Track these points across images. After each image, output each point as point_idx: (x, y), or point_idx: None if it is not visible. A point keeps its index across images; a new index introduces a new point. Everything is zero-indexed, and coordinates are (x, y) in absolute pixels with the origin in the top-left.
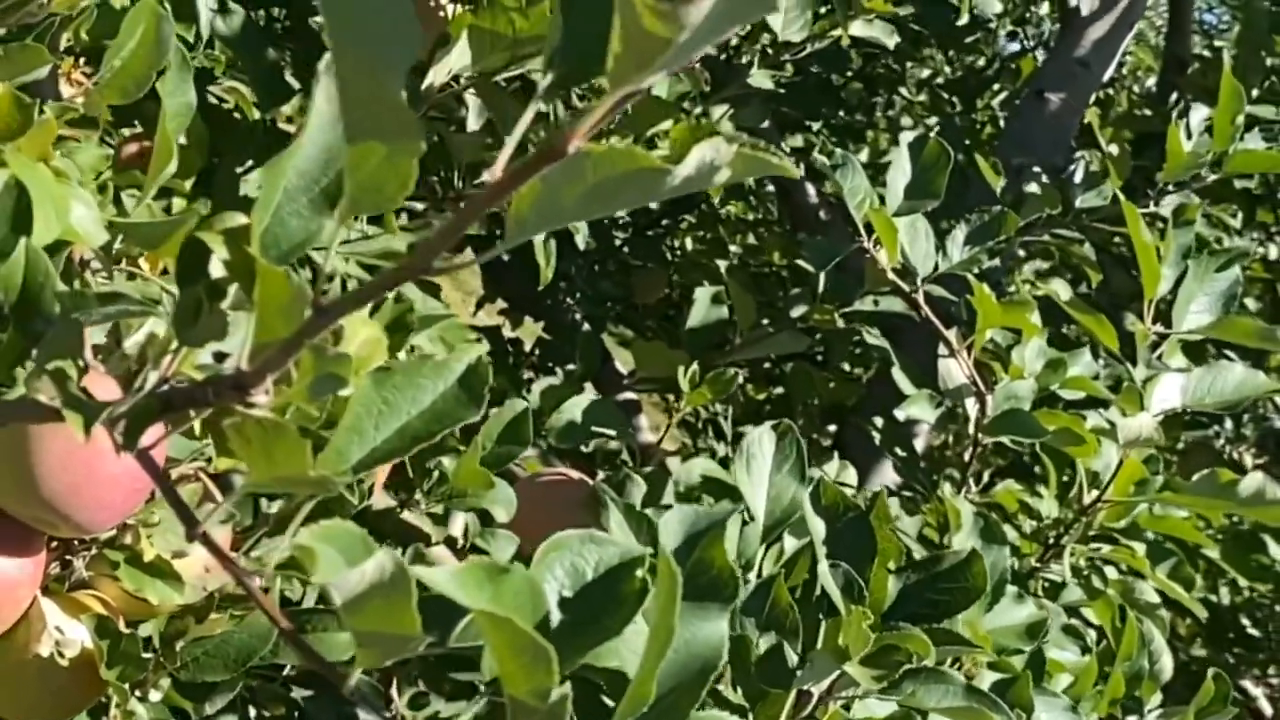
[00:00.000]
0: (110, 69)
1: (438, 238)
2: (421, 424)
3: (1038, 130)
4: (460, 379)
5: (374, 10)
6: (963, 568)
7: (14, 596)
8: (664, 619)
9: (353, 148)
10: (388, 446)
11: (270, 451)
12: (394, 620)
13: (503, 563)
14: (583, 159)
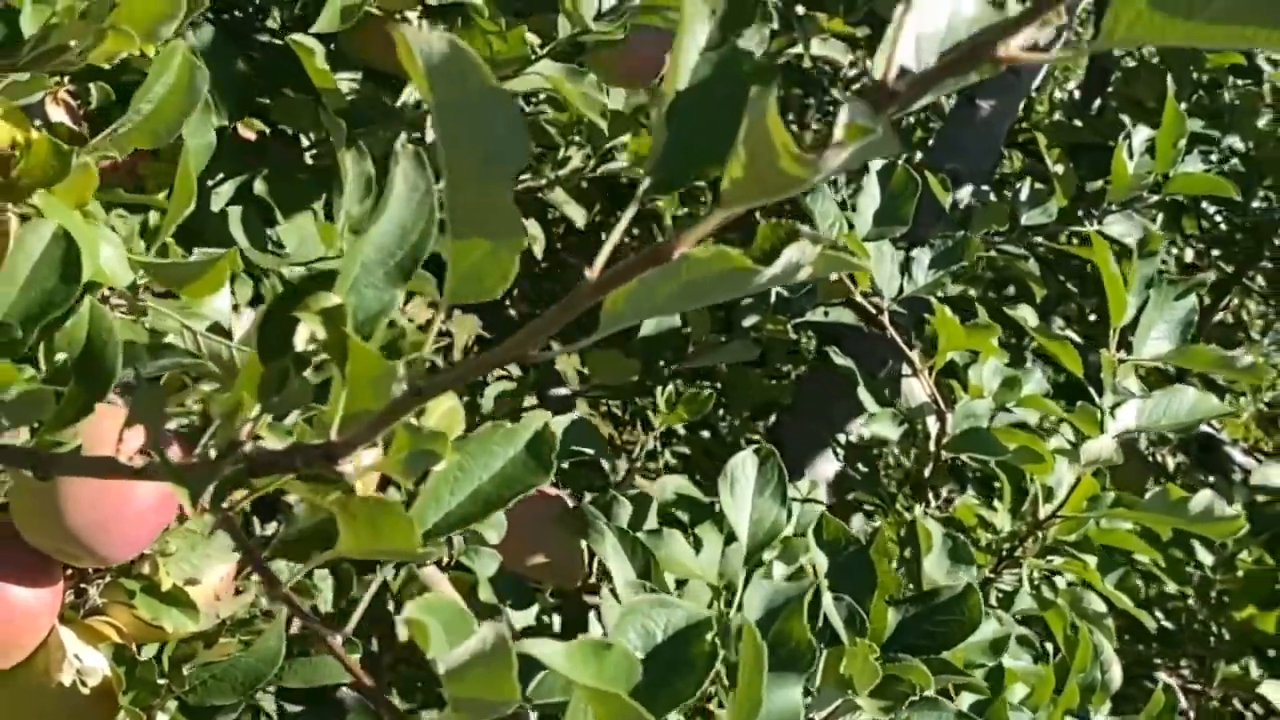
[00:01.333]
0: (138, 112)
1: (540, 325)
2: (493, 488)
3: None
4: (528, 445)
5: (486, 120)
6: (959, 601)
7: (34, 625)
8: (750, 690)
9: (457, 242)
10: (461, 511)
11: (376, 526)
12: (494, 688)
13: (603, 639)
14: (681, 261)
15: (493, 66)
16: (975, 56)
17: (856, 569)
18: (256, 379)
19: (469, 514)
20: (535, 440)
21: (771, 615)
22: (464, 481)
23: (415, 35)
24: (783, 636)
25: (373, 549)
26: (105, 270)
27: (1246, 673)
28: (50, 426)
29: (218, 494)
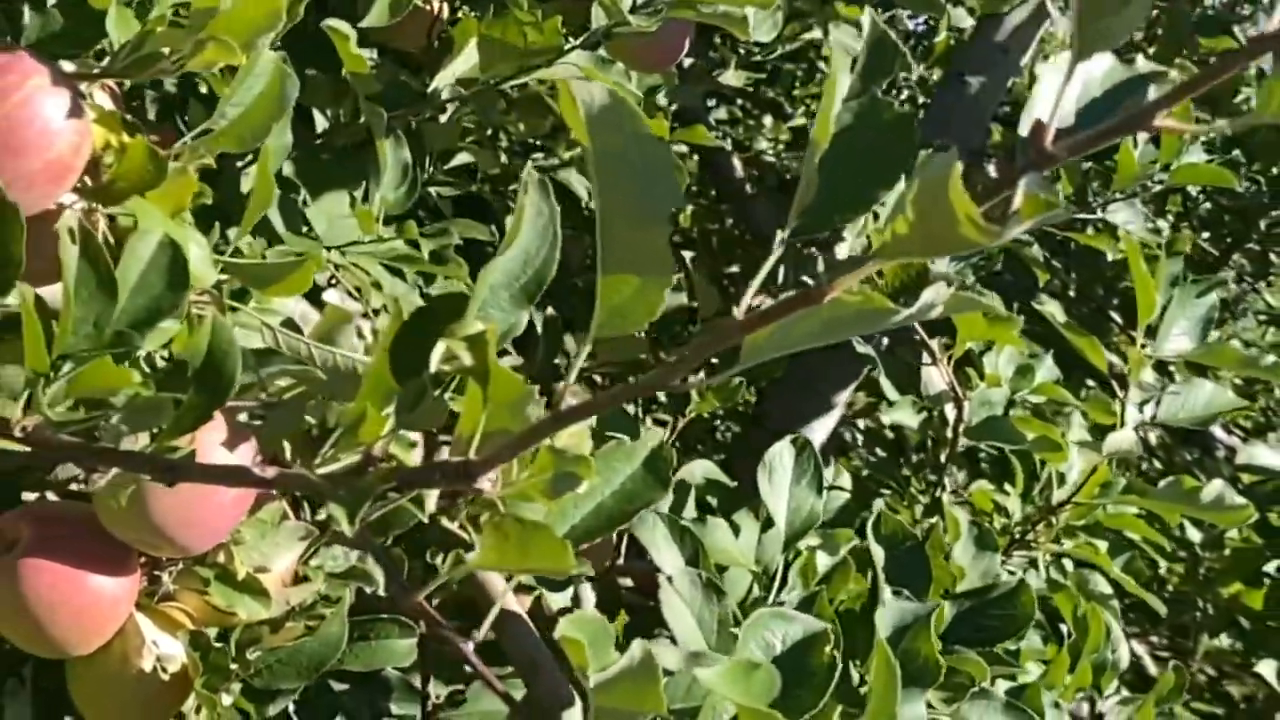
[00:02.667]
0: (223, 115)
1: (685, 360)
2: (614, 504)
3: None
4: (646, 461)
5: (641, 166)
6: (1012, 596)
7: (114, 613)
8: (884, 704)
9: (607, 278)
10: (585, 525)
11: (526, 546)
12: (640, 700)
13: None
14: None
15: (527, 56)
16: (1132, 125)
17: (913, 564)
18: (381, 390)
19: (593, 528)
20: (653, 457)
21: (900, 633)
22: (588, 497)
23: (579, 87)
24: (911, 653)
25: (521, 566)
26: (194, 272)
27: (1239, 651)
28: (169, 433)
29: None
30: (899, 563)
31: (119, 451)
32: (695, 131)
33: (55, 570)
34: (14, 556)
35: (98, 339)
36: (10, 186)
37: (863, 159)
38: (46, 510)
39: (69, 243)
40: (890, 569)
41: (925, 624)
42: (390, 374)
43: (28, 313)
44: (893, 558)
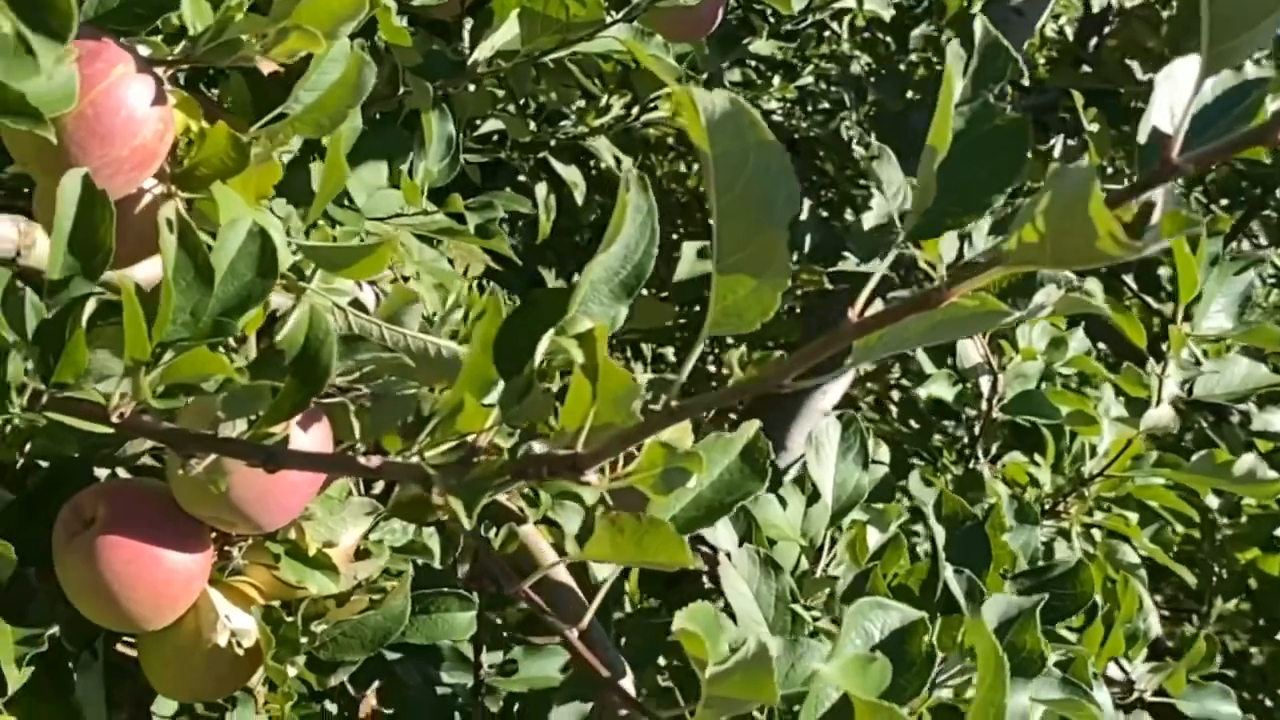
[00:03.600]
0: (297, 100)
1: (798, 359)
2: (714, 495)
3: None
4: (743, 453)
5: (760, 170)
6: (1071, 576)
7: (189, 588)
8: (992, 696)
9: (722, 278)
10: (686, 516)
11: (642, 542)
12: (755, 690)
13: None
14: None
15: (570, 29)
16: (1261, 137)
17: (973, 543)
18: (479, 381)
19: (693, 519)
20: (749, 448)
21: (1006, 625)
22: (687, 489)
23: (700, 95)
24: (1016, 646)
25: (635, 560)
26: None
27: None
28: (266, 420)
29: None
30: (959, 542)
31: (220, 438)
32: None
33: (132, 547)
34: (91, 534)
35: (194, 327)
36: (97, 173)
37: (975, 164)
38: (122, 488)
39: (167, 233)
40: (950, 548)
41: (1031, 617)
42: (491, 366)
43: (129, 302)
44: (953, 537)
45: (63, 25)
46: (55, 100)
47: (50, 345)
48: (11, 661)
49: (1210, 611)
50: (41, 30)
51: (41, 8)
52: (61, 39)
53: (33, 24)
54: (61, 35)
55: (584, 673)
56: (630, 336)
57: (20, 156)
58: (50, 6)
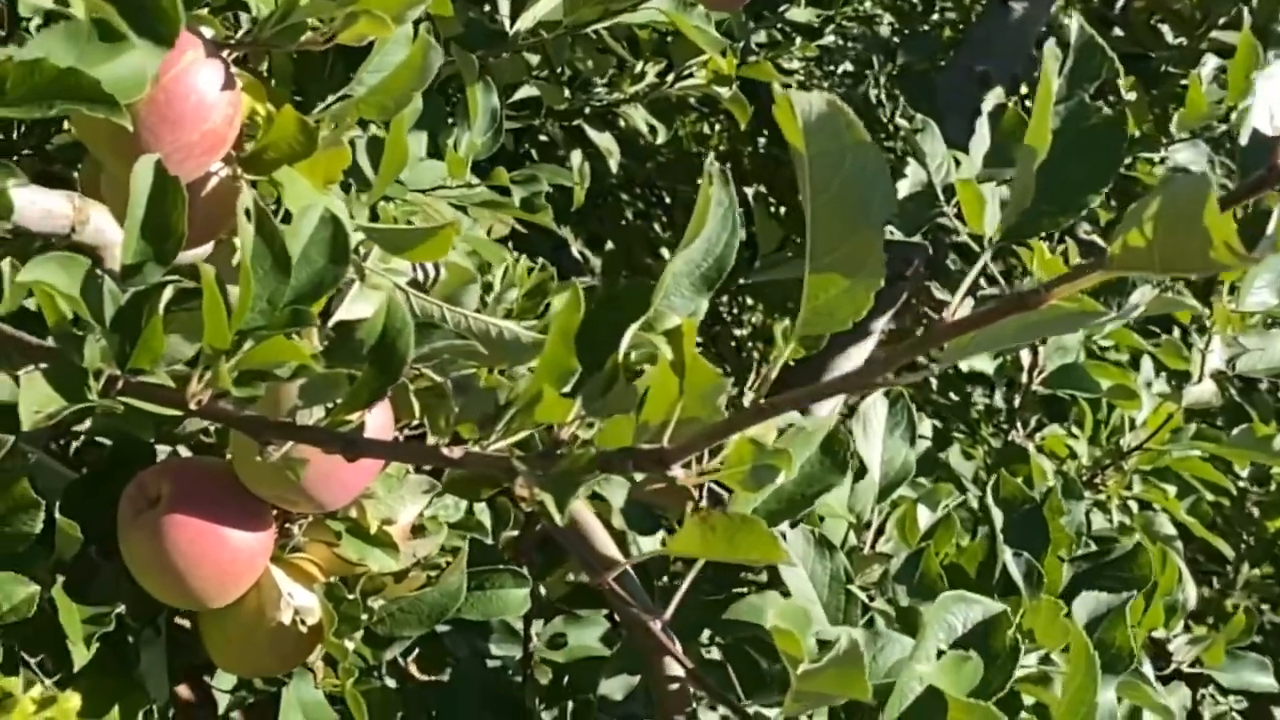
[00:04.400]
0: (361, 83)
1: (891, 358)
2: (795, 488)
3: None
4: (823, 445)
5: (856, 171)
6: (1130, 558)
7: (253, 566)
8: (1083, 694)
9: (815, 276)
10: (767, 509)
11: (734, 539)
12: (846, 687)
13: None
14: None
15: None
16: None
17: (1031, 526)
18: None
19: (775, 511)
20: (829, 440)
21: (1095, 622)
22: None
23: (799, 96)
24: (1106, 642)
25: (727, 556)
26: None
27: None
28: (344, 409)
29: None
30: (1017, 525)
31: (299, 426)
32: (761, 68)
33: (197, 526)
34: (157, 513)
35: (271, 315)
36: (168, 158)
37: (1071, 164)
38: (186, 466)
39: (245, 221)
40: (1008, 531)
41: (1120, 614)
42: (571, 357)
43: (210, 291)
44: (1011, 520)
45: (169, 30)
46: (129, 86)
47: (127, 332)
48: (80, 640)
49: (1237, 578)
50: (147, 35)
51: (148, 11)
52: (168, 44)
53: (139, 28)
54: (168, 40)
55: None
56: None
57: (91, 141)
58: (157, 10)
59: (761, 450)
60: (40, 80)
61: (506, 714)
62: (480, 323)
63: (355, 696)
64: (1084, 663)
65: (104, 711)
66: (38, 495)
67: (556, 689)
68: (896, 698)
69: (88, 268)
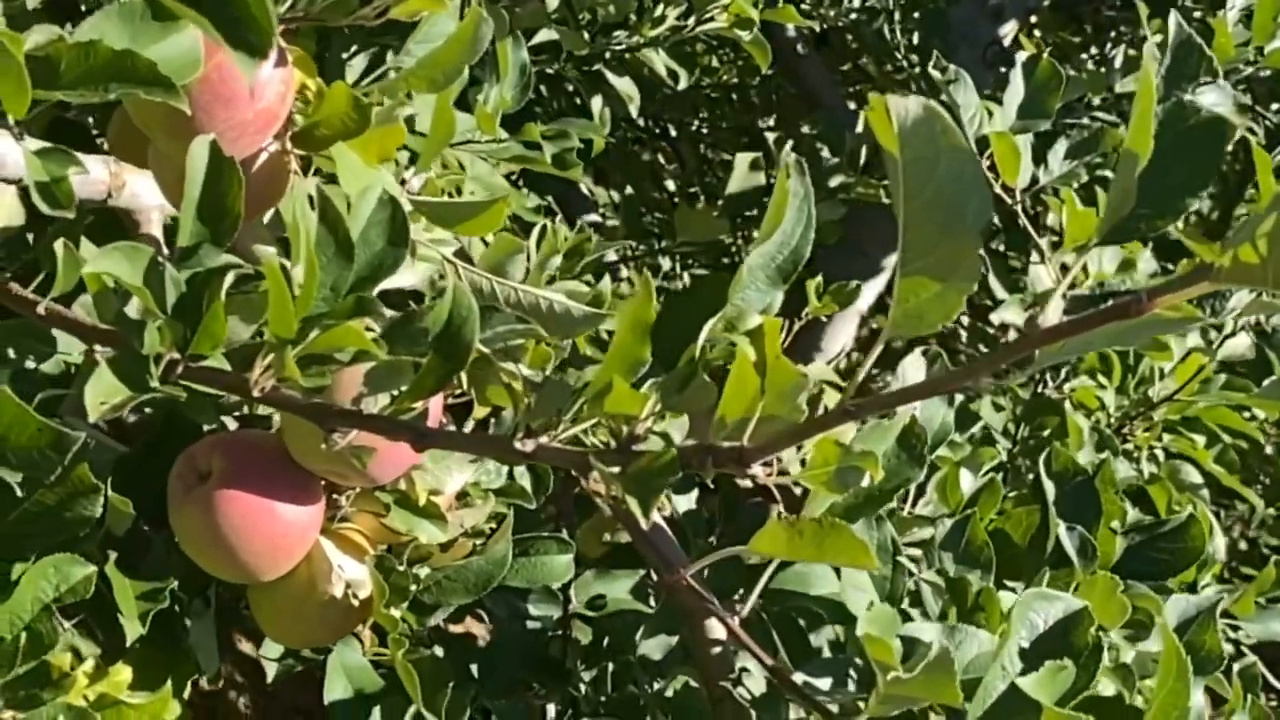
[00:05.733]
0: (409, 54)
1: (985, 363)
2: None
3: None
4: (899, 438)
5: (952, 175)
6: (1183, 530)
7: (304, 540)
8: (1175, 698)
9: (906, 279)
10: (845, 505)
11: (822, 544)
12: (935, 692)
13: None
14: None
15: None
16: None
17: (1083, 498)
18: (627, 362)
19: (853, 508)
20: (906, 434)
21: (1185, 625)
22: None
23: (895, 101)
24: (1195, 645)
25: (816, 560)
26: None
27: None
28: (409, 396)
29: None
30: (1069, 497)
31: (366, 415)
32: (785, 12)
33: (249, 501)
34: (209, 488)
35: (334, 302)
36: (222, 136)
37: (1170, 167)
38: (236, 440)
39: (308, 209)
40: (1060, 503)
41: (1210, 616)
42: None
43: (274, 279)
44: (1063, 492)
45: (263, 41)
46: (183, 66)
47: (189, 317)
48: (134, 617)
49: (1253, 517)
50: (242, 47)
51: (242, 23)
52: (262, 55)
53: (233, 40)
54: (261, 51)
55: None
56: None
57: (143, 121)
58: (251, 22)
59: (847, 452)
60: (95, 62)
61: (546, 674)
62: (530, 295)
63: (407, 667)
64: (1176, 667)
65: (155, 684)
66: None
67: (596, 649)
68: (981, 697)
69: (151, 256)
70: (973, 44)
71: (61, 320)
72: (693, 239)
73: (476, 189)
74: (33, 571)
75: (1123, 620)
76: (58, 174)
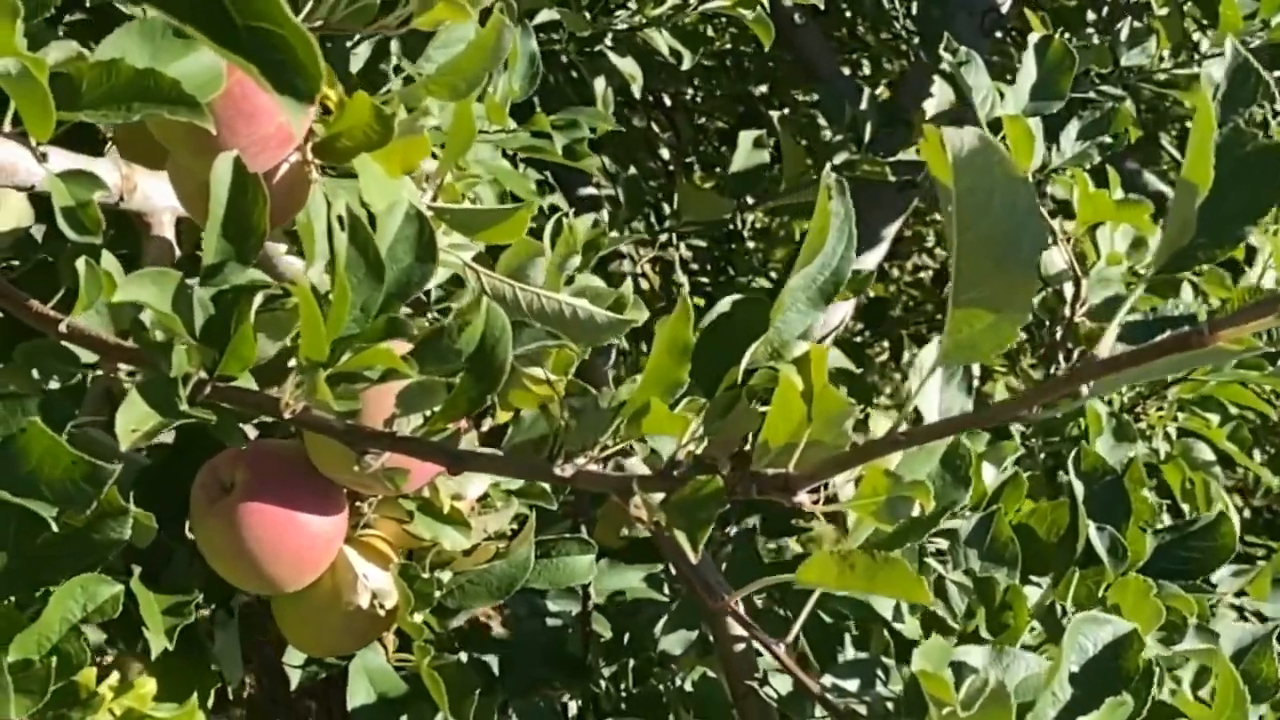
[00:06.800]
0: (429, 59)
1: (1039, 392)
2: None
3: None
4: (943, 460)
5: (1006, 206)
6: (1213, 528)
7: (329, 550)
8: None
9: (959, 310)
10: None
11: (875, 578)
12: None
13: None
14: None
15: None
16: None
17: (1113, 497)
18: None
19: (898, 531)
20: (950, 456)
21: (1242, 653)
22: None
23: (950, 133)
24: (1251, 673)
25: (868, 592)
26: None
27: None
28: (442, 416)
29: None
30: (1098, 496)
31: (400, 437)
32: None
33: (274, 513)
34: (233, 500)
35: (366, 323)
36: (244, 151)
37: (1227, 195)
38: (258, 451)
39: (338, 229)
40: (1089, 502)
41: (1266, 644)
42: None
43: (307, 303)
44: (1092, 492)
45: (310, 87)
46: (205, 83)
47: (217, 339)
48: (161, 632)
49: (1257, 486)
50: (288, 91)
51: (288, 66)
52: (309, 100)
53: (278, 85)
54: (308, 97)
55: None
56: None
57: (163, 135)
58: (299, 67)
59: (898, 482)
60: (118, 82)
61: (566, 672)
62: (554, 302)
63: (432, 675)
64: (1233, 696)
65: (181, 696)
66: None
67: (616, 645)
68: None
69: (179, 280)
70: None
71: (84, 338)
72: (697, 218)
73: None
74: (60, 592)
75: (1158, 624)
76: (83, 198)
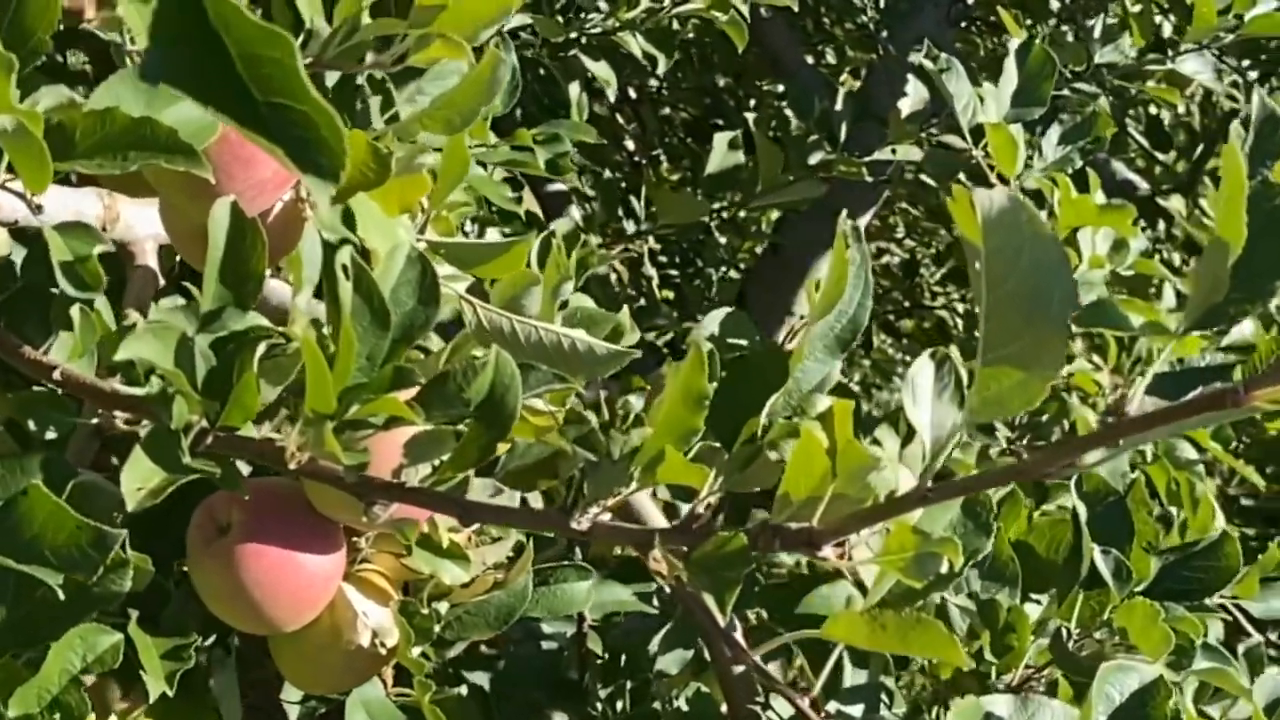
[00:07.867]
0: (422, 92)
1: (1076, 445)
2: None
3: None
4: (964, 507)
5: (1035, 264)
6: (1216, 548)
7: (327, 589)
8: None
9: (987, 369)
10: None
11: (907, 638)
12: None
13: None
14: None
15: None
16: None
17: (1116, 519)
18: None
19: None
20: (970, 504)
21: (1275, 705)
22: None
23: (979, 193)
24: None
25: (900, 651)
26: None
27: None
28: (451, 466)
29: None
30: (1102, 519)
31: (409, 488)
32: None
33: (272, 554)
34: (230, 541)
35: (372, 373)
36: (241, 196)
37: (1258, 248)
38: (255, 490)
39: (343, 278)
40: (1093, 524)
41: None
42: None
43: (312, 355)
44: (1095, 514)
45: (333, 164)
46: (201, 130)
47: (219, 390)
48: (160, 677)
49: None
50: (311, 170)
51: (312, 145)
52: (333, 179)
53: (301, 164)
54: (333, 176)
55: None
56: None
57: (159, 181)
58: (323, 145)
59: (925, 539)
60: (113, 130)
61: (562, 696)
62: (551, 334)
63: (434, 711)
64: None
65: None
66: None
67: (613, 666)
68: None
69: (180, 334)
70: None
71: (80, 386)
72: (673, 221)
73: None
74: (59, 643)
75: (1167, 650)
76: (83, 253)
